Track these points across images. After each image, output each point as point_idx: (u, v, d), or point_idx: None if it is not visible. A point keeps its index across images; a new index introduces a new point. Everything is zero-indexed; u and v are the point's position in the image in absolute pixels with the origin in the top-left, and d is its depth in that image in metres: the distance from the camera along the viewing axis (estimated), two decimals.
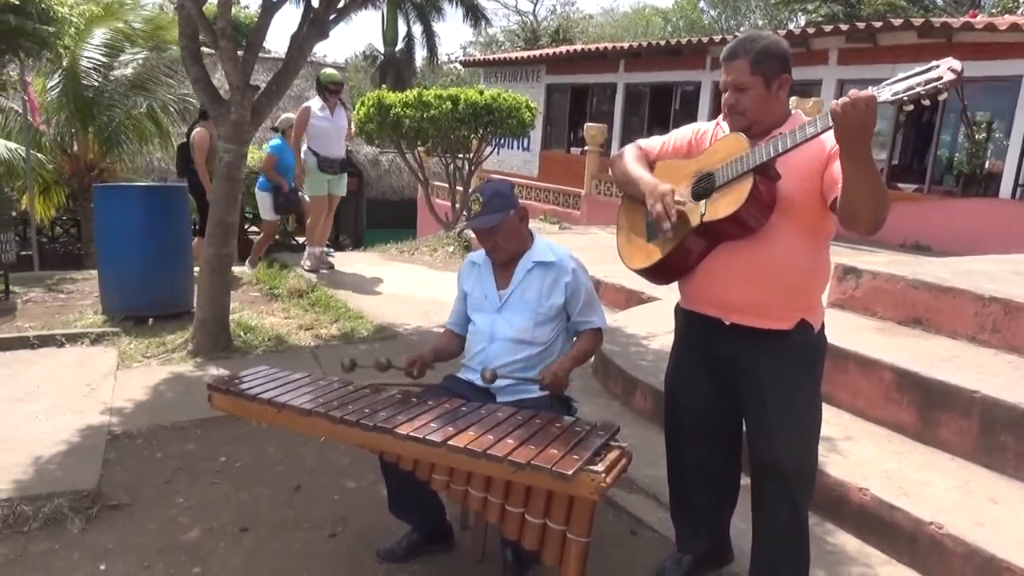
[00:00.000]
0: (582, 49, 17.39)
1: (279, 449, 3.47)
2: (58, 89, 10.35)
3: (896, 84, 1.72)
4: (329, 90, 6.91)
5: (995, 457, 2.90)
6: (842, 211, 1.89)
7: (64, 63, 10.08)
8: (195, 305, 5.03)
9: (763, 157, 1.92)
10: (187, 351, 4.74)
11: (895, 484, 2.79)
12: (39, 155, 10.39)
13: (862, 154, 1.76)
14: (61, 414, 3.70)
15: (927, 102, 1.70)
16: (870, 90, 1.72)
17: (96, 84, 10.39)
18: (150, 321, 5.25)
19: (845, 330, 3.72)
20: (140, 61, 11.03)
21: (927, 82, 1.68)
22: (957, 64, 1.65)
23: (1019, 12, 10.94)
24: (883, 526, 2.68)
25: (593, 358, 3.40)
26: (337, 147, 6.96)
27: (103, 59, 10.49)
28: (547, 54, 17.19)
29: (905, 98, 1.70)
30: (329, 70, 7.17)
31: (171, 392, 4.11)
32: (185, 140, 7.11)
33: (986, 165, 10.59)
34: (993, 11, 14.40)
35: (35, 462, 3.18)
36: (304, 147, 6.94)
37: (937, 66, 1.68)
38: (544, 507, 1.99)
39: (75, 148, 10.97)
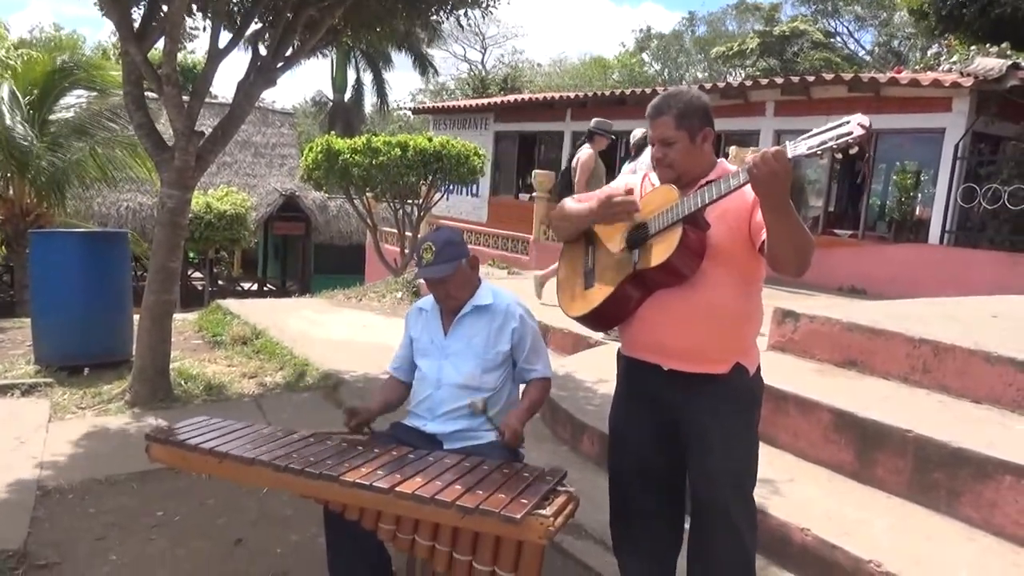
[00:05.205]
0: (530, 98, 17.73)
1: (220, 501, 3.37)
2: None
3: (810, 139, 1.82)
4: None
5: (929, 495, 2.98)
6: (769, 255, 2.00)
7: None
8: (134, 353, 4.89)
9: (691, 207, 2.00)
10: (124, 401, 4.60)
11: (836, 524, 2.84)
12: None
13: (778, 204, 1.85)
14: None
15: (840, 155, 1.80)
16: (783, 145, 1.82)
17: (33, 132, 10.16)
18: (86, 371, 5.09)
19: (785, 373, 3.81)
20: (83, 105, 10.86)
21: (838, 137, 1.78)
22: (866, 120, 1.76)
23: (940, 69, 11.56)
24: (825, 566, 2.71)
25: None
26: None
27: (40, 105, 10.27)
28: (496, 102, 17.45)
29: (819, 152, 1.80)
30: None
31: (106, 444, 3.97)
32: (567, 166, 7.00)
33: (916, 212, 11.06)
34: (917, 67, 15.24)
35: None
36: None
37: (847, 122, 1.78)
38: (492, 554, 1.98)
39: (10, 193, 10.66)
